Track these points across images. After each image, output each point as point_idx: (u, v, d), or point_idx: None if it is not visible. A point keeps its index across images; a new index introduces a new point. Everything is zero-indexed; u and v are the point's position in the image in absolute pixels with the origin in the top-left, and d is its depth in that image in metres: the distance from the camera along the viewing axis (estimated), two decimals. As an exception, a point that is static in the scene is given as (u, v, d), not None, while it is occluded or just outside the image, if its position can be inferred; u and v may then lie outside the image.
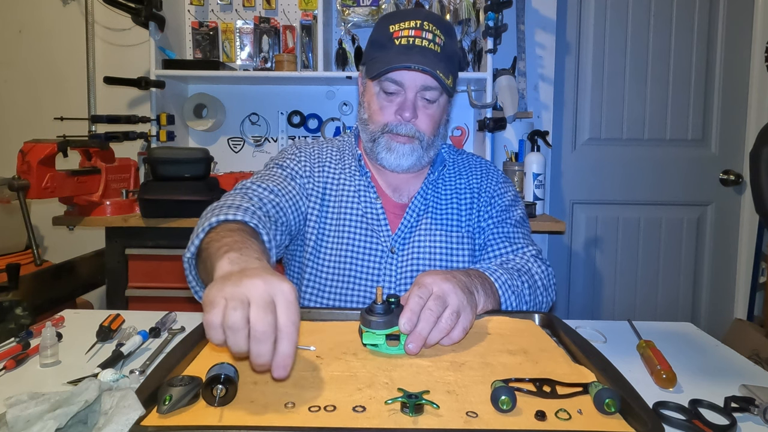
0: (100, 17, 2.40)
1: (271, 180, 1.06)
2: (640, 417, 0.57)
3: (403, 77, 1.03)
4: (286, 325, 0.57)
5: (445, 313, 0.76)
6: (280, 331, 0.57)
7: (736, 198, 2.47)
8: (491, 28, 2.01)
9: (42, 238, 2.46)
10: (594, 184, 2.48)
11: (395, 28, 1.03)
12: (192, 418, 0.57)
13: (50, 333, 0.80)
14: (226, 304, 0.57)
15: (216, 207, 0.91)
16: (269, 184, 1.04)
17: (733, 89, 2.42)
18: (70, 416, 0.53)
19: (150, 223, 1.84)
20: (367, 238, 1.08)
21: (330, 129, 2.41)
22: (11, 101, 2.47)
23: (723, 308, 2.51)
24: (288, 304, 0.58)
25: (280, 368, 0.58)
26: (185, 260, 0.83)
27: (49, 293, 1.89)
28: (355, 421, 0.57)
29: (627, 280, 2.50)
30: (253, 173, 1.13)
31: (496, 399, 0.59)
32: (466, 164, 1.21)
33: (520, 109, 2.25)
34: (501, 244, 1.10)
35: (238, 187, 1.04)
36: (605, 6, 2.41)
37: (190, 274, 0.85)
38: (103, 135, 2.08)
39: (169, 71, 2.15)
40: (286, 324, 0.57)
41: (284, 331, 0.57)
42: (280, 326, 0.57)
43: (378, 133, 1.07)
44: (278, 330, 0.57)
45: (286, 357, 0.57)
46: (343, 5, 2.25)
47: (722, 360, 0.87)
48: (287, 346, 0.57)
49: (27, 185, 1.64)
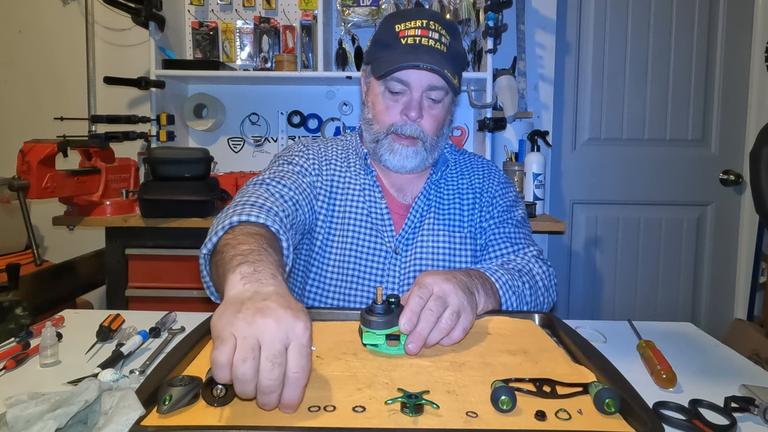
0: (100, 17, 2.40)
1: (286, 176, 1.04)
2: (640, 417, 0.57)
3: (409, 77, 1.02)
4: (295, 373, 0.55)
5: (445, 314, 0.76)
6: (288, 378, 0.55)
7: (736, 198, 2.47)
8: (491, 28, 2.01)
9: (42, 238, 2.46)
10: (594, 184, 2.48)
11: (401, 27, 1.03)
12: (192, 418, 0.57)
13: (50, 333, 0.80)
14: (235, 345, 0.55)
15: (238, 204, 0.89)
16: (286, 182, 1.02)
17: (733, 89, 2.42)
18: (70, 416, 0.53)
19: (150, 223, 1.84)
20: (371, 238, 1.08)
21: (330, 129, 2.41)
22: (11, 101, 2.47)
23: (723, 308, 2.51)
24: (300, 349, 0.56)
25: (287, 409, 0.57)
26: (201, 256, 0.82)
27: (49, 293, 1.89)
28: (355, 421, 0.57)
29: (627, 280, 2.50)
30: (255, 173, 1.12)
31: (496, 399, 0.59)
32: (468, 164, 1.21)
33: (520, 109, 2.25)
34: (502, 245, 1.10)
35: (257, 182, 1.00)
36: (605, 6, 2.41)
37: (204, 269, 0.83)
38: (103, 135, 2.08)
39: (169, 71, 2.15)
40: (295, 371, 0.55)
41: (292, 378, 0.55)
42: (288, 375, 0.55)
43: (382, 135, 1.07)
44: (286, 377, 0.55)
45: (291, 403, 0.56)
46: (343, 5, 2.25)
47: (722, 360, 0.87)
48: (293, 393, 0.56)
49: (27, 185, 1.64)
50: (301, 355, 0.56)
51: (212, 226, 0.85)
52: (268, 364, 0.54)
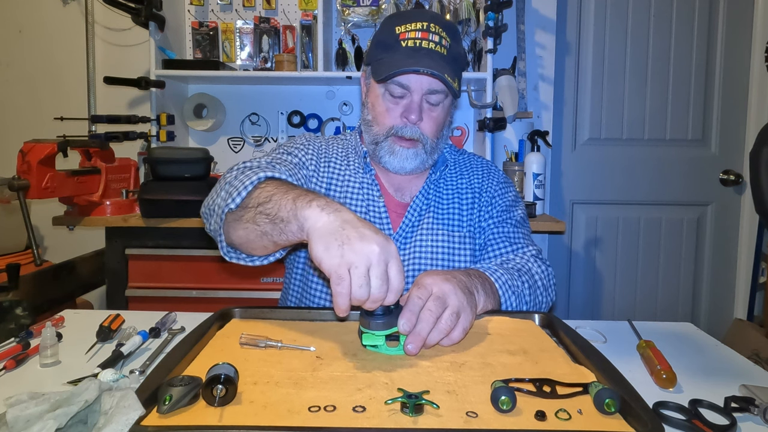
0: (100, 17, 2.40)
1: (283, 165, 1.05)
2: (640, 417, 0.57)
3: (409, 80, 1.02)
4: (397, 285, 0.69)
5: (444, 314, 0.76)
6: (392, 288, 0.69)
7: (736, 198, 2.47)
8: (491, 28, 2.01)
9: (42, 238, 2.46)
10: (594, 184, 2.48)
11: (401, 29, 1.03)
12: (192, 418, 0.57)
13: (50, 333, 0.80)
14: (350, 276, 0.67)
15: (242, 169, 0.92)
16: (282, 168, 1.01)
17: (733, 89, 2.42)
18: (70, 416, 0.53)
19: (150, 223, 1.84)
20: None
21: (330, 129, 2.41)
22: (11, 101, 2.46)
23: (723, 308, 2.51)
24: (399, 266, 0.70)
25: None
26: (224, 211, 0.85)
27: (49, 293, 1.89)
28: (355, 421, 0.57)
29: (627, 280, 2.50)
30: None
31: (496, 399, 0.59)
32: (468, 164, 1.21)
33: (520, 109, 2.25)
34: (501, 244, 1.10)
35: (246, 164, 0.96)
36: (605, 6, 2.41)
37: (217, 223, 0.87)
38: (103, 135, 2.08)
39: (169, 71, 2.15)
40: (398, 284, 0.69)
41: (396, 289, 0.70)
42: (392, 287, 0.69)
43: (382, 137, 1.07)
44: (390, 288, 0.69)
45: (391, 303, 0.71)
46: (343, 5, 2.25)
47: (722, 360, 0.87)
48: (394, 298, 0.70)
49: (27, 185, 1.64)
50: (399, 271, 0.70)
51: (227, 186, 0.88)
52: (377, 281, 0.68)
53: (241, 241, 0.87)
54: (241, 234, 0.85)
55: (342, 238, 0.68)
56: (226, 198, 0.85)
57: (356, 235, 0.68)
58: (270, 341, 0.76)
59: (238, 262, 0.92)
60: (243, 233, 0.84)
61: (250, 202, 0.83)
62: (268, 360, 0.72)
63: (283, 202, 0.77)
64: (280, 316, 0.91)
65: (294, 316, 0.90)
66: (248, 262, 0.92)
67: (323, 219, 0.71)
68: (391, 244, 0.70)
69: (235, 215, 0.84)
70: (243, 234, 0.85)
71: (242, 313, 0.91)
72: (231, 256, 0.92)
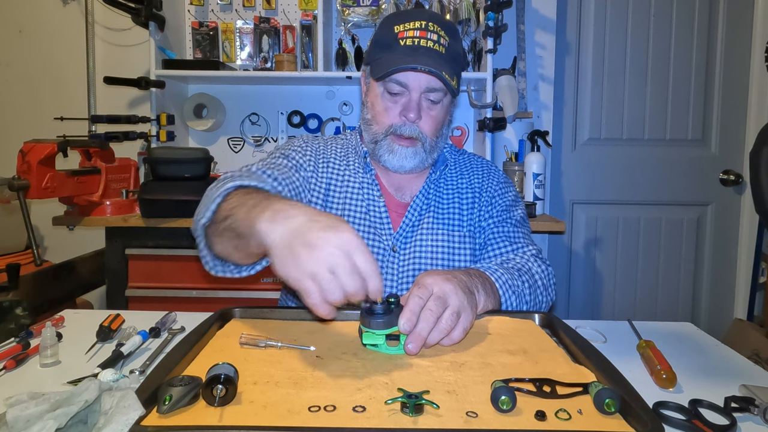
0: (100, 17, 2.40)
1: (276, 168, 1.05)
2: (640, 417, 0.57)
3: (408, 78, 1.02)
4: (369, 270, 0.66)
5: (445, 314, 0.76)
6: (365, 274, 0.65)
7: (736, 198, 2.47)
8: (491, 28, 2.01)
9: (42, 238, 2.46)
10: (594, 184, 2.48)
11: (400, 28, 1.03)
12: (192, 418, 0.57)
13: (50, 333, 0.80)
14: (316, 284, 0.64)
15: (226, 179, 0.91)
16: (274, 172, 1.02)
17: (733, 89, 2.42)
18: (70, 416, 0.53)
19: (150, 223, 1.84)
20: (369, 235, 1.08)
21: (330, 129, 2.41)
22: (11, 101, 2.46)
23: (723, 308, 2.51)
24: (361, 251, 0.65)
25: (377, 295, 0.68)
26: (199, 227, 0.84)
27: (49, 293, 1.89)
28: (355, 421, 0.57)
29: (627, 280, 2.50)
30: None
31: (496, 399, 0.59)
32: (468, 164, 1.21)
33: (520, 109, 2.25)
34: (501, 244, 1.10)
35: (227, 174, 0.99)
36: (605, 6, 2.41)
37: (202, 242, 0.87)
38: (103, 135, 2.08)
39: (169, 71, 2.15)
40: (370, 269, 0.66)
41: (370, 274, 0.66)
42: (364, 273, 0.65)
43: (381, 135, 1.07)
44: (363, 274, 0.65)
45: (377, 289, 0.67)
46: (343, 5, 2.25)
47: (722, 360, 0.87)
48: (376, 282, 0.66)
49: (27, 185, 1.64)
50: (364, 254, 0.65)
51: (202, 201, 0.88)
52: (347, 278, 0.64)
53: (224, 254, 0.87)
54: (220, 249, 0.86)
55: (293, 251, 0.65)
56: (198, 213, 0.86)
57: (306, 243, 0.65)
58: (270, 341, 0.76)
59: (224, 275, 0.92)
60: (221, 247, 0.85)
61: (219, 216, 0.83)
62: (268, 360, 0.72)
63: (241, 216, 0.76)
64: (280, 316, 0.91)
65: (294, 316, 0.90)
66: (235, 273, 0.92)
67: (274, 233, 0.69)
68: (347, 232, 0.66)
69: (211, 229, 0.85)
70: (221, 248, 0.85)
71: (242, 313, 0.91)
72: (217, 269, 0.92)
